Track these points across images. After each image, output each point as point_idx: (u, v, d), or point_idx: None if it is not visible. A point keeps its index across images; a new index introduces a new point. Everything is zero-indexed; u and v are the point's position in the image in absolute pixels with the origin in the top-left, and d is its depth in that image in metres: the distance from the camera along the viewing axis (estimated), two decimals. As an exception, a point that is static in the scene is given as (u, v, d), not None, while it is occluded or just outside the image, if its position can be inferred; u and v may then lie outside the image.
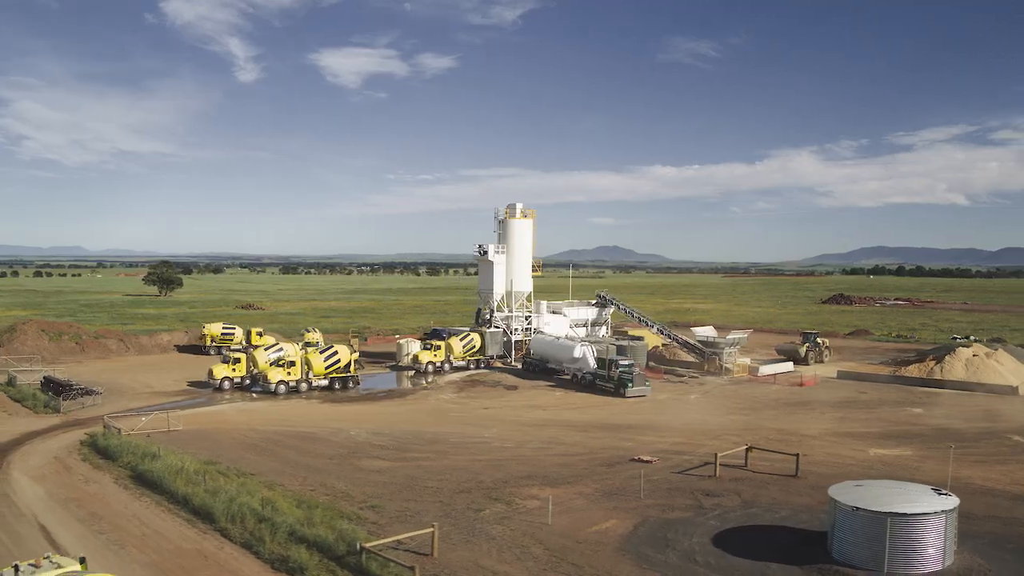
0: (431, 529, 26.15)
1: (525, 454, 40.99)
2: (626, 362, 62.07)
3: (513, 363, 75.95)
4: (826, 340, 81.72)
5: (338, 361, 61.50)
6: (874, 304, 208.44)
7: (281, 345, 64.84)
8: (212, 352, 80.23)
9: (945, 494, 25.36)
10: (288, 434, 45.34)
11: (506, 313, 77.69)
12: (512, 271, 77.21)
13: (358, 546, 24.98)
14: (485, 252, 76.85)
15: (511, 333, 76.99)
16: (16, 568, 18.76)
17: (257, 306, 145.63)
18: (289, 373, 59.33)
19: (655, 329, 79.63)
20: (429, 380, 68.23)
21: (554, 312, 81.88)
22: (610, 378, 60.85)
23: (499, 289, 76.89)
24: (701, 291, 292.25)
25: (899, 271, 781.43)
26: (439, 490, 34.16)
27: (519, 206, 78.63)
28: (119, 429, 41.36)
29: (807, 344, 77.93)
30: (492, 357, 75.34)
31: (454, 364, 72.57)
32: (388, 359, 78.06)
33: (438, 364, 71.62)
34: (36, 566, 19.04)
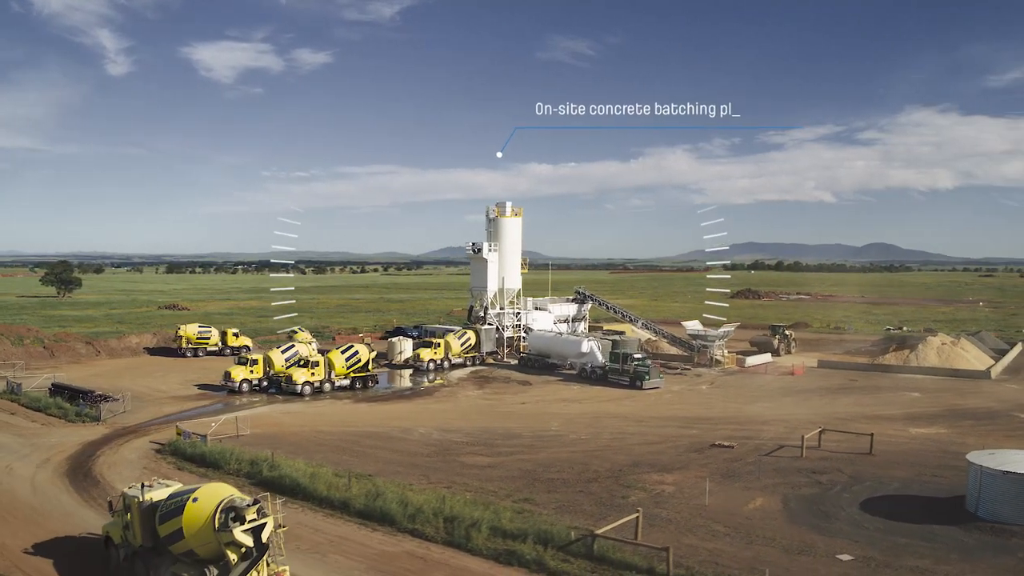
0: (636, 514, 28.35)
1: (609, 445, 43.42)
2: (639, 355, 65.68)
3: (505, 359, 78.07)
4: (792, 332, 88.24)
5: (358, 360, 61.83)
6: (780, 298, 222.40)
7: (296, 347, 64.26)
8: (188, 354, 78.03)
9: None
10: (359, 434, 45.77)
11: (498, 310, 79.63)
12: (503, 268, 79.27)
13: (571, 535, 26.99)
14: (479, 250, 78.54)
15: (502, 330, 79.03)
16: (143, 485, 25.27)
17: (182, 306, 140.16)
18: (313, 374, 59.22)
19: (639, 324, 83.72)
20: (431, 378, 69.31)
21: (538, 308, 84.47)
22: (625, 371, 64.10)
23: (492, 286, 78.77)
24: (602, 288, 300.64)
25: (778, 266, 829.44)
26: (567, 481, 36.11)
27: (509, 204, 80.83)
28: (205, 436, 40.78)
29: (777, 336, 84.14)
30: (485, 354, 77.17)
31: (452, 362, 73.95)
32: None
33: (438, 362, 72.84)
34: (150, 486, 25.32)
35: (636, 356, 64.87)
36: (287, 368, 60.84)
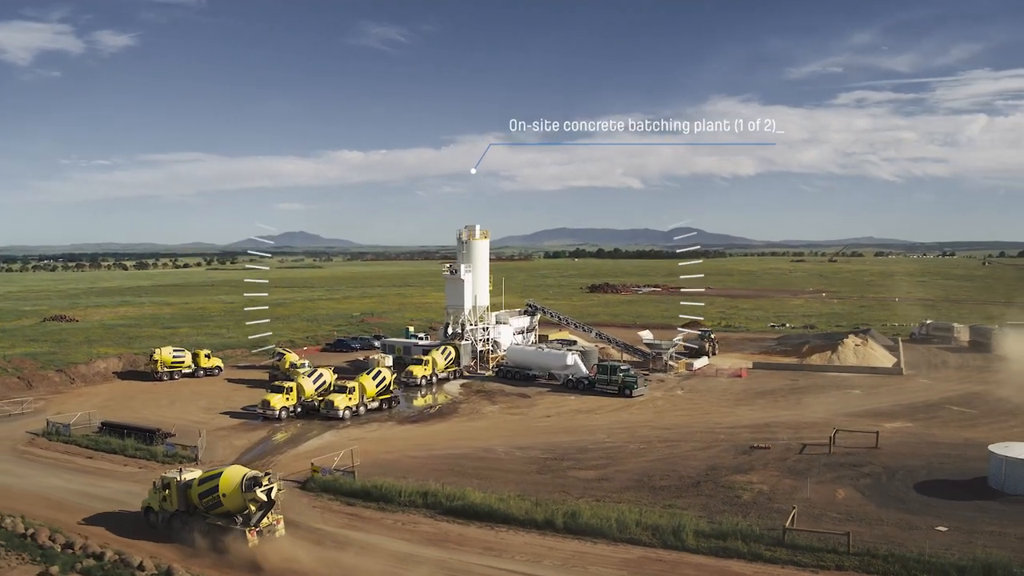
0: (794, 509, 38.26)
1: (672, 453, 52.42)
2: (625, 366, 76.01)
3: (479, 371, 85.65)
4: (715, 335, 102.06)
5: (384, 382, 67.41)
6: (635, 291, 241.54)
7: (321, 371, 68.31)
8: (164, 378, 79.23)
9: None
10: (450, 456, 51.82)
11: (471, 326, 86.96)
12: (476, 287, 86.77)
13: (754, 528, 36.48)
14: (456, 271, 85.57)
15: (476, 344, 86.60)
16: (180, 470, 38.71)
17: (70, 317, 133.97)
18: (350, 398, 64.20)
19: (593, 334, 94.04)
20: (423, 393, 76.02)
21: (499, 322, 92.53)
22: (613, 382, 73.99)
23: (468, 304, 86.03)
24: (440, 281, 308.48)
25: (599, 254, 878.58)
26: (678, 487, 44.92)
27: (478, 227, 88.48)
28: (352, 472, 45.70)
29: (705, 339, 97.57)
30: (463, 367, 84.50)
31: (439, 376, 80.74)
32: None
33: (428, 377, 79.34)
34: (181, 471, 38.68)
35: (623, 367, 75.09)
36: (319, 393, 65.31)
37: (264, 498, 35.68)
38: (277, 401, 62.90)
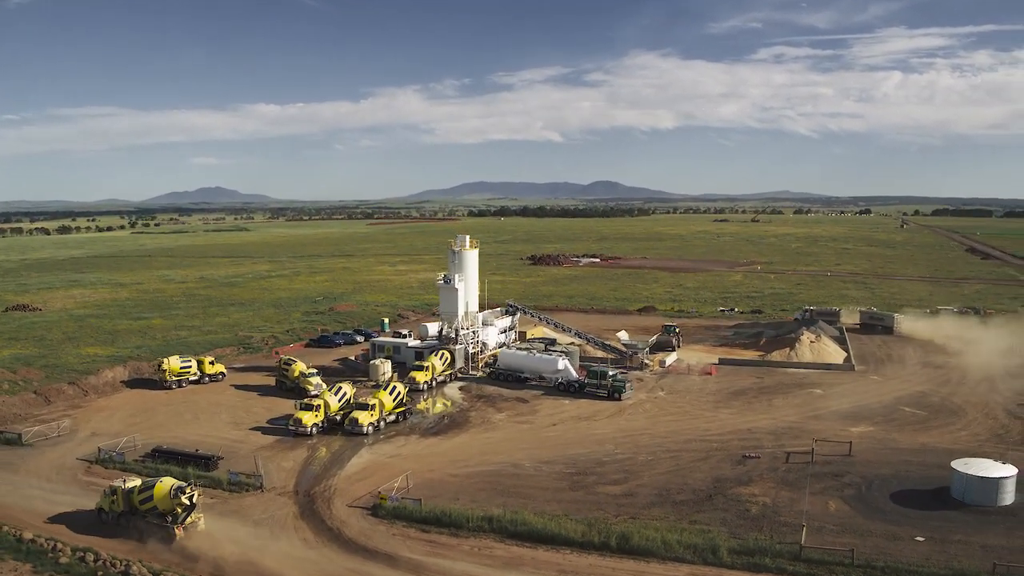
0: (804, 527, 47.28)
1: (678, 466, 60.38)
2: (613, 371, 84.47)
3: (470, 372, 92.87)
4: (679, 329, 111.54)
5: (399, 395, 74.08)
6: (575, 263, 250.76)
7: (342, 387, 74.14)
8: (173, 386, 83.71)
9: (1006, 463, 53.59)
10: (485, 474, 58.79)
11: (463, 330, 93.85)
12: (467, 295, 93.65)
13: (775, 546, 45.36)
14: (450, 281, 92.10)
15: (468, 347, 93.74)
16: (124, 481, 50.49)
17: (31, 306, 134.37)
18: (372, 415, 70.63)
19: (572, 333, 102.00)
20: (425, 397, 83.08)
21: (485, 324, 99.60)
22: (602, 386, 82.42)
23: (461, 311, 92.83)
24: (378, 246, 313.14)
25: (524, 212, 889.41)
26: (693, 502, 53.30)
27: (467, 238, 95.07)
28: (419, 500, 52.26)
29: (671, 334, 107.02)
30: (457, 370, 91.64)
31: (437, 380, 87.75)
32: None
33: (429, 382, 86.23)
34: (125, 481, 50.48)
35: (611, 372, 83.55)
36: (341, 409, 71.50)
37: (188, 503, 47.20)
38: (308, 419, 68.73)
